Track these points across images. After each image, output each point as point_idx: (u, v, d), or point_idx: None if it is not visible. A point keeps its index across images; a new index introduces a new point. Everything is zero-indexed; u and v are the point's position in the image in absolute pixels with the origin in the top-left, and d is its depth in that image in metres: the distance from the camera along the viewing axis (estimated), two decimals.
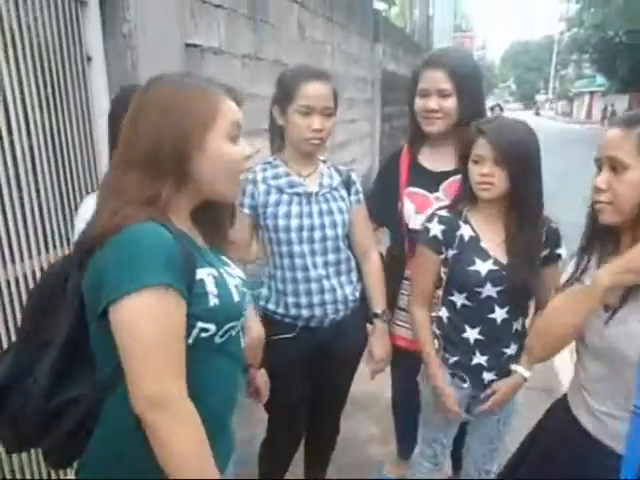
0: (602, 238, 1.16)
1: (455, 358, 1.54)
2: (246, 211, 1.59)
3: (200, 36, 2.58)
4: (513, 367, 1.53)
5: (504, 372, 1.53)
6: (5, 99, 1.55)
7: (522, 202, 1.41)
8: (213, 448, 0.91)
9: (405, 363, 1.84)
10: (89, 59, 1.90)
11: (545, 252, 1.47)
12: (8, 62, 1.55)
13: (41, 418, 0.92)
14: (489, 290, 1.44)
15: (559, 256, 1.48)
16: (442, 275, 1.55)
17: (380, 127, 7.41)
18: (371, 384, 2.77)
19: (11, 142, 1.58)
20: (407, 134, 1.83)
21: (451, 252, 1.49)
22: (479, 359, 1.51)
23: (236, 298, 0.99)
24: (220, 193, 1.00)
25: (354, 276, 1.70)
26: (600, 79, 31.17)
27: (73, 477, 1.40)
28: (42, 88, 1.68)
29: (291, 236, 1.57)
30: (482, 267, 1.43)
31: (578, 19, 24.77)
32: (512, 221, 1.43)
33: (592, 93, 37.27)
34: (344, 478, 2.19)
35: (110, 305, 0.83)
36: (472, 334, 1.50)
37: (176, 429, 0.85)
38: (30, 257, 1.67)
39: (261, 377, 1.54)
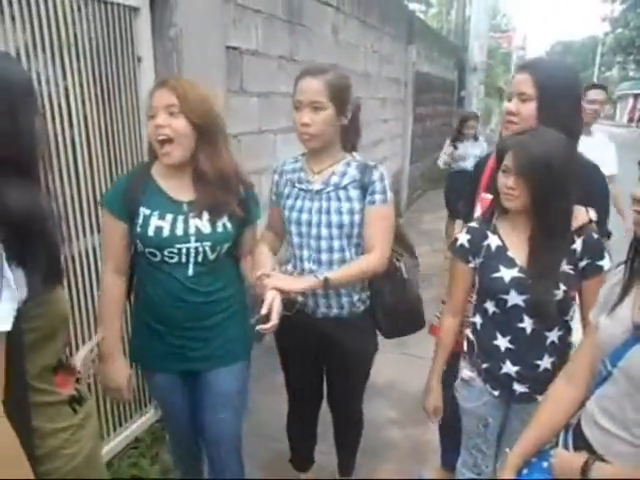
0: None
1: (486, 365, 1.53)
2: (273, 197, 1.75)
3: (239, 39, 2.76)
4: None
5: (538, 386, 1.45)
6: (68, 96, 1.75)
7: (543, 217, 1.38)
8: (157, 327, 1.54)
9: (447, 367, 1.72)
10: (139, 60, 2.09)
11: (583, 263, 1.41)
12: (71, 62, 1.75)
13: None
14: (515, 298, 1.42)
15: (601, 268, 1.40)
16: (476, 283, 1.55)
17: (412, 127, 7.47)
18: (389, 371, 2.88)
19: (71, 134, 1.79)
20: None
21: (478, 260, 1.51)
22: (508, 368, 1.49)
23: (150, 233, 1.45)
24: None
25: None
26: None
27: None
28: (98, 85, 1.88)
29: (292, 228, 1.67)
30: (506, 274, 1.43)
31: (623, 20, 24.05)
32: (535, 233, 1.41)
33: (636, 95, 36.05)
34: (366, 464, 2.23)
35: None
36: (503, 342, 1.49)
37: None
38: (84, 236, 1.90)
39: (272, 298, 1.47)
